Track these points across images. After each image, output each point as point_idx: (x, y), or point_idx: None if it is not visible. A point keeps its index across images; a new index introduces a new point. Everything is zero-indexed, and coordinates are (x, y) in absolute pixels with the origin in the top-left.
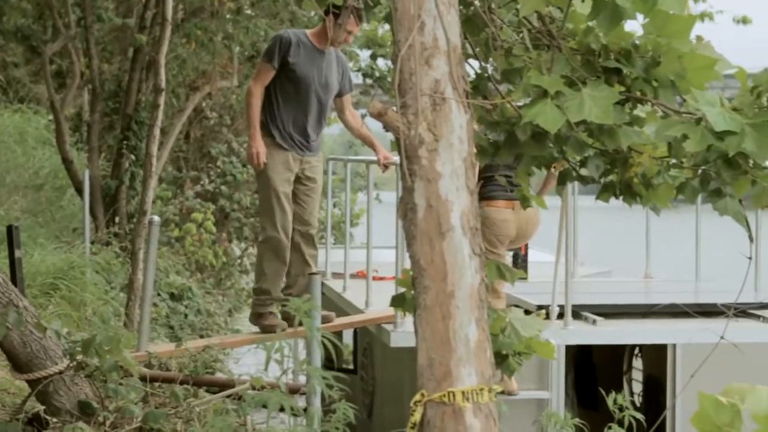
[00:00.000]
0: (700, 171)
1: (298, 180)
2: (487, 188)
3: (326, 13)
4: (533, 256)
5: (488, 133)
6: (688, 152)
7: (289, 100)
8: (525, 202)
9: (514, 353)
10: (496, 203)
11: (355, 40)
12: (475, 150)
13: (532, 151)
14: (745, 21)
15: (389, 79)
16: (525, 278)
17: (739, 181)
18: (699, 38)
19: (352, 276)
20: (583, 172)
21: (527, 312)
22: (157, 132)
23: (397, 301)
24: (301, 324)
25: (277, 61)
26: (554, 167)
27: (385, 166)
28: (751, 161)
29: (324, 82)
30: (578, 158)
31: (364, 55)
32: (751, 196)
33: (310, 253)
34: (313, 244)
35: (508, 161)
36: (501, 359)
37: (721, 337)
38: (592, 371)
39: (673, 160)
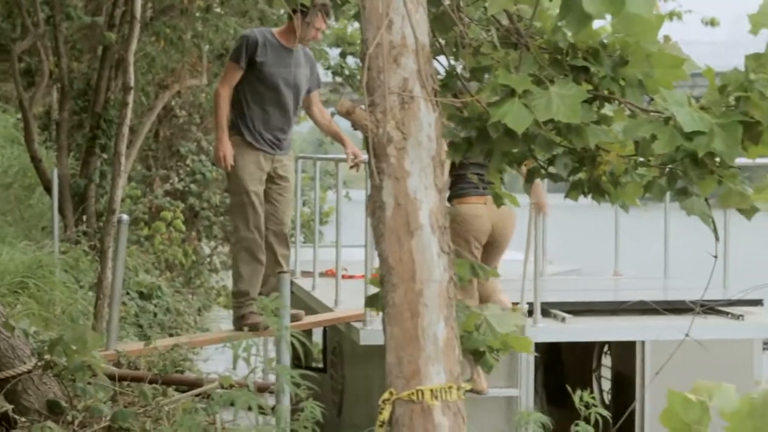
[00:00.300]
0: (667, 170)
1: (270, 179)
2: (458, 186)
3: (294, 11)
4: None
5: (460, 129)
6: (656, 151)
7: (258, 99)
8: (498, 200)
9: (491, 349)
10: (468, 199)
11: (324, 38)
12: (446, 147)
13: (504, 148)
14: (713, 23)
15: (359, 78)
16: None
17: (705, 181)
18: (666, 38)
19: (322, 274)
20: (552, 170)
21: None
22: (125, 130)
23: (372, 301)
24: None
25: (244, 62)
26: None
27: (355, 164)
28: (717, 160)
29: (292, 81)
30: (546, 156)
31: (334, 53)
32: (718, 195)
33: (282, 253)
34: (286, 244)
35: (479, 159)
36: (478, 356)
37: (686, 335)
38: (561, 369)
39: (641, 159)
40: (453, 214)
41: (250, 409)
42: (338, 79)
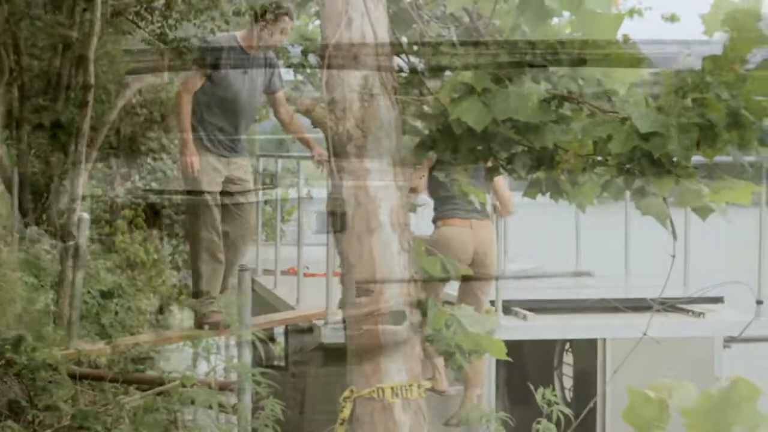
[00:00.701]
0: (624, 169)
1: (229, 181)
2: (444, 208)
3: (257, 15)
4: None
5: (424, 126)
6: (612, 150)
7: (216, 103)
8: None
9: (459, 348)
10: (453, 221)
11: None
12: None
13: (468, 145)
14: (673, 18)
15: (320, 75)
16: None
17: (662, 180)
18: (625, 37)
19: (284, 272)
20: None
21: None
22: (86, 129)
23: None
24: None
25: (207, 68)
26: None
27: (320, 163)
28: (674, 159)
29: (251, 86)
30: (505, 155)
31: (295, 50)
32: (675, 194)
33: (242, 250)
34: (247, 243)
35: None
36: (448, 356)
37: (644, 333)
38: (523, 366)
39: (599, 158)
40: (436, 237)
41: (210, 407)
42: (299, 77)
